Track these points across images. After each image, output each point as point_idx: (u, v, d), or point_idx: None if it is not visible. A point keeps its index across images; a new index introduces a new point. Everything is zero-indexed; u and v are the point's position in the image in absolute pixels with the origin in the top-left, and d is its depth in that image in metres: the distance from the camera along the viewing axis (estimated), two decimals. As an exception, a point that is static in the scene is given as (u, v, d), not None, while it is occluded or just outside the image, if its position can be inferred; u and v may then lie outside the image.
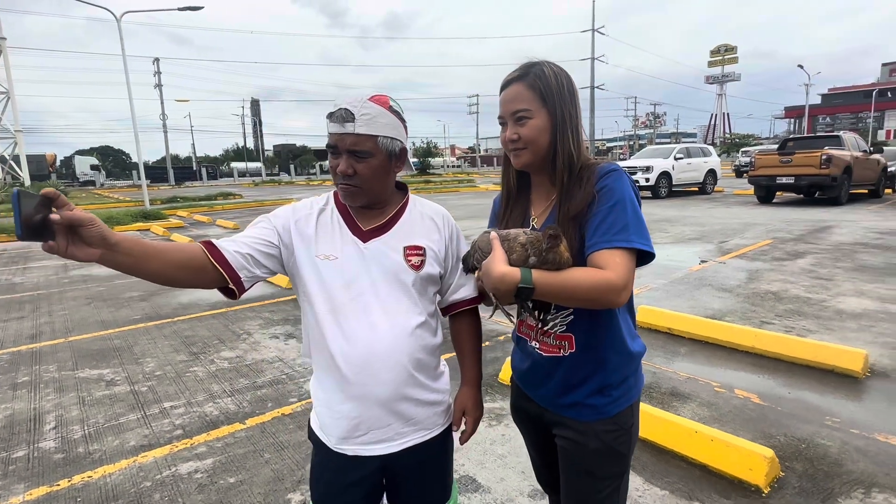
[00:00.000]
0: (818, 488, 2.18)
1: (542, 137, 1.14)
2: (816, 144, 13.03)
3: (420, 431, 1.26)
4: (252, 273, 1.16)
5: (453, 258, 1.29)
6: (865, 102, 69.52)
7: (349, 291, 1.18)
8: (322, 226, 1.22)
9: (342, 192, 1.20)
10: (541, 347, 1.23)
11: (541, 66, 1.14)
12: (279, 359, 3.88)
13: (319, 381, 1.24)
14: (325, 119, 1.15)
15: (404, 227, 1.24)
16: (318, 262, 1.18)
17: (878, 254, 6.71)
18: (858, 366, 3.21)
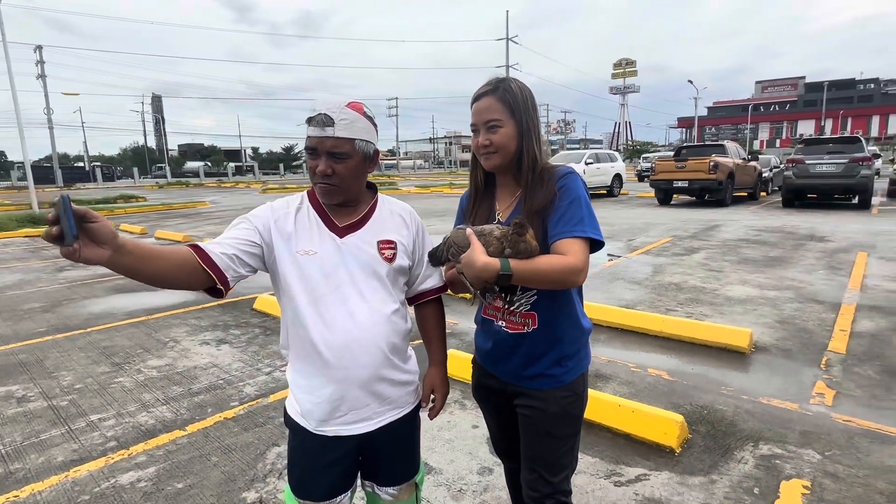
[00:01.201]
0: (718, 445, 2.56)
1: (511, 144, 1.34)
2: (705, 152, 14.54)
3: (394, 410, 1.38)
4: (237, 272, 1.24)
5: (420, 251, 1.42)
6: (743, 115, 78.06)
7: (329, 283, 1.27)
8: (300, 223, 1.30)
9: (321, 191, 1.29)
10: (507, 326, 1.41)
11: (508, 81, 1.35)
12: (213, 365, 3.77)
13: (300, 370, 1.31)
14: (305, 123, 1.24)
15: (376, 223, 1.35)
16: (298, 257, 1.26)
17: (756, 248, 7.69)
18: (745, 343, 3.74)
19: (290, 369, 1.36)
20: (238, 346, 4.15)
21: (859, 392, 3.07)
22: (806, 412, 2.86)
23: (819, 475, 2.28)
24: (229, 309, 5.27)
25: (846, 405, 2.92)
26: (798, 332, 4.09)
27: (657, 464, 2.41)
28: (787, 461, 2.40)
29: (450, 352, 3.62)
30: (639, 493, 2.20)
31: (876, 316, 4.41)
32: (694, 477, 2.30)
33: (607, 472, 2.36)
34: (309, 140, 1.24)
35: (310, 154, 1.26)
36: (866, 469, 2.32)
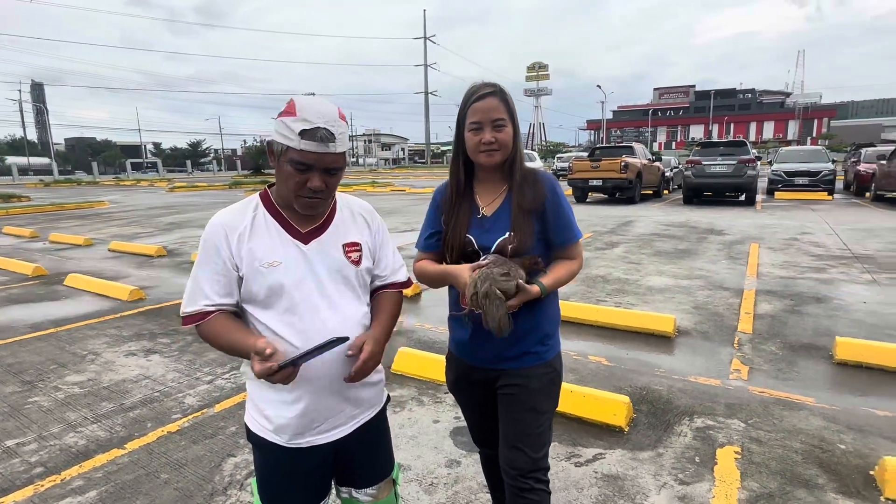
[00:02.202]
0: (660, 421, 2.80)
1: (510, 143, 1.43)
2: (616, 153, 15.58)
3: (367, 411, 1.38)
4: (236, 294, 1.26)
5: (379, 251, 1.41)
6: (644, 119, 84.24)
7: (298, 292, 1.23)
8: (259, 234, 1.24)
9: (307, 205, 1.22)
10: None
11: (502, 86, 1.44)
12: (145, 377, 3.50)
13: (269, 386, 1.23)
14: (297, 136, 1.13)
15: (339, 226, 1.33)
16: (263, 270, 1.21)
17: (667, 242, 8.40)
18: (670, 328, 4.10)
19: (256, 386, 1.29)
20: (170, 356, 3.87)
21: (768, 366, 3.49)
22: (727, 387, 3.20)
23: (746, 441, 2.58)
24: (153, 316, 4.89)
25: (759, 378, 3.31)
26: (712, 317, 4.55)
27: (610, 443, 2.59)
28: (719, 431, 2.68)
29: (403, 349, 3.64)
30: (598, 472, 2.36)
31: (772, 299, 5.00)
32: (643, 452, 2.51)
33: (567, 454, 2.50)
34: (303, 155, 1.15)
35: (300, 169, 1.17)
36: (782, 432, 2.65)
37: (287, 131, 1.15)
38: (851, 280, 5.65)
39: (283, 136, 1.16)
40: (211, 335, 1.22)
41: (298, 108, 1.15)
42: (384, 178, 34.25)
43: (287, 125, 1.15)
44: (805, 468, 2.34)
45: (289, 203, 1.24)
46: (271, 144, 1.21)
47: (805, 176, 15.16)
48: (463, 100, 1.46)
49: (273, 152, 1.21)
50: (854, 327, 4.16)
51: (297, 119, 1.14)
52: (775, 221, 10.45)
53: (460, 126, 1.49)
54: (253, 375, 1.26)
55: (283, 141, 1.16)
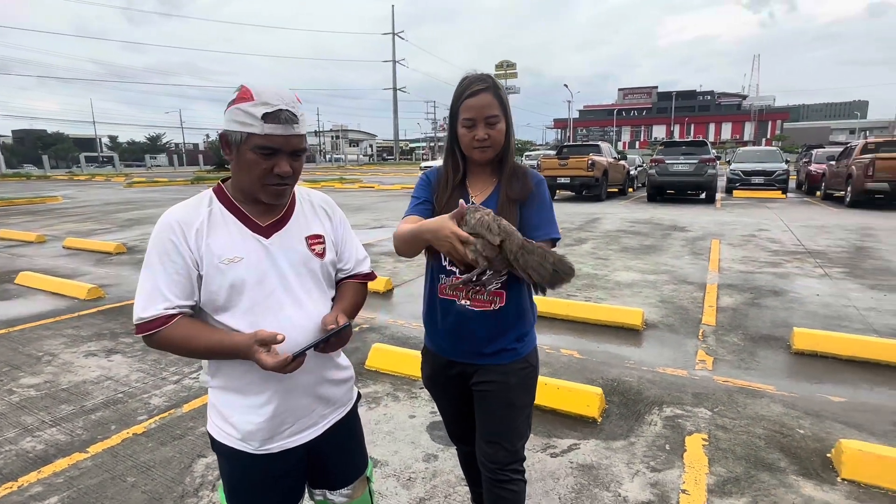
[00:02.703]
0: (631, 411, 2.87)
1: (502, 138, 1.44)
2: (584, 151, 15.85)
3: (338, 409, 1.36)
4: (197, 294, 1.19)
5: (342, 244, 1.37)
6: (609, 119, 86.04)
7: (261, 290, 1.17)
8: (216, 229, 1.17)
9: (274, 193, 1.17)
10: (473, 304, 1.47)
11: (494, 79, 1.43)
12: (107, 377, 3.36)
13: (238, 390, 1.21)
14: (260, 120, 1.09)
15: (300, 218, 1.28)
16: (223, 267, 1.14)
17: (633, 238, 8.61)
18: (639, 321, 4.20)
19: (220, 393, 1.23)
20: (133, 356, 3.73)
21: (731, 357, 3.62)
22: (694, 377, 3.31)
23: (713, 428, 2.67)
24: (114, 315, 4.70)
25: (723, 368, 3.43)
26: (677, 310, 4.69)
27: (584, 433, 2.64)
28: (687, 420, 2.76)
29: (377, 346, 3.61)
30: (573, 462, 2.40)
31: (733, 293, 5.19)
32: (616, 441, 2.57)
33: (543, 445, 2.54)
34: (269, 139, 1.10)
35: (266, 154, 1.12)
36: (746, 419, 2.76)
37: (246, 117, 1.09)
38: (805, 274, 5.93)
39: (241, 123, 1.10)
40: (178, 340, 1.14)
41: (256, 92, 1.10)
42: (352, 175, 33.89)
43: (246, 111, 1.09)
44: (768, 452, 2.44)
45: (251, 195, 1.18)
46: (226, 136, 1.14)
47: (761, 175, 15.79)
48: (455, 93, 1.45)
49: (229, 143, 1.14)
50: (809, 318, 4.36)
51: (257, 104, 1.09)
52: (734, 218, 10.85)
53: (453, 120, 1.47)
54: (215, 382, 1.23)
55: (242, 129, 1.10)
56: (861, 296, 5.01)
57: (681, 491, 2.17)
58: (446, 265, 1.50)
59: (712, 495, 2.14)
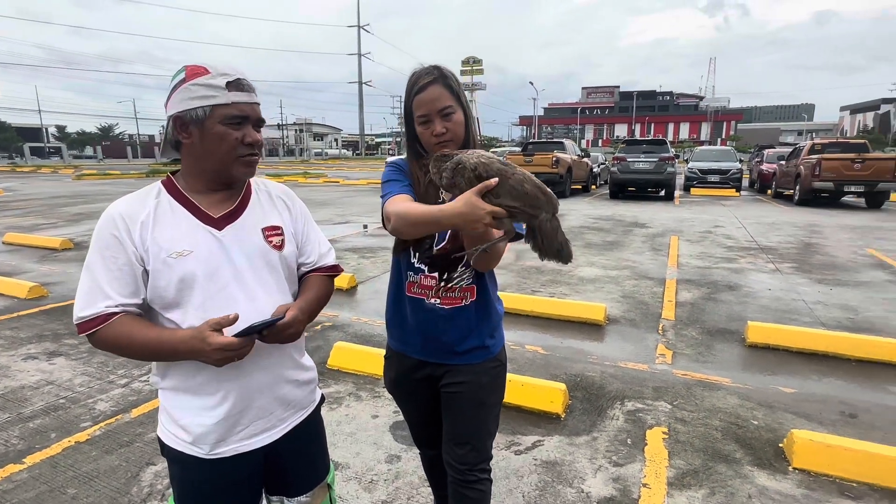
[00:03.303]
0: (594, 406, 2.89)
1: (461, 130, 1.37)
2: (548, 148, 16.02)
3: (298, 412, 1.29)
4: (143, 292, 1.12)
5: (302, 236, 1.31)
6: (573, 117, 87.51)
7: (213, 284, 1.11)
8: (163, 221, 1.11)
9: (247, 165, 1.15)
10: (443, 302, 1.42)
11: (443, 69, 1.37)
12: (48, 382, 3.15)
13: (189, 389, 1.14)
14: (223, 89, 1.07)
15: (256, 208, 1.22)
16: (171, 262, 1.08)
17: (596, 234, 8.76)
18: (601, 316, 4.26)
19: (170, 394, 1.16)
20: (78, 358, 3.52)
21: (689, 350, 3.71)
22: (654, 371, 3.37)
23: (672, 421, 2.72)
24: (57, 316, 4.43)
25: (682, 362, 3.51)
26: (638, 305, 4.78)
27: (548, 430, 2.65)
28: (648, 413, 2.81)
29: (340, 344, 3.53)
30: (537, 459, 2.39)
31: (691, 288, 5.34)
32: (579, 437, 2.58)
33: (507, 443, 2.53)
34: (237, 108, 1.09)
35: (236, 123, 1.10)
36: (704, 412, 2.82)
37: (208, 90, 1.07)
38: (758, 269, 6.15)
39: (203, 97, 1.07)
40: (120, 339, 1.07)
41: (209, 66, 1.09)
42: (317, 170, 33.29)
43: (206, 84, 1.07)
44: (724, 444, 2.50)
45: (221, 174, 1.14)
46: (182, 117, 1.08)
47: (716, 174, 16.37)
48: (406, 90, 1.38)
49: (188, 123, 1.08)
50: (762, 312, 4.52)
51: (215, 75, 1.08)
52: (692, 215, 11.19)
53: (409, 119, 1.41)
54: (165, 383, 1.16)
55: (204, 102, 1.07)
56: (809, 290, 5.24)
57: (642, 485, 2.19)
58: (415, 262, 1.45)
59: (672, 488, 2.17)
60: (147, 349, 1.08)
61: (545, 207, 1.17)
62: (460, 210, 1.10)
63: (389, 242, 1.44)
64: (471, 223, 1.10)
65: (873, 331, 4.06)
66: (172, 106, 1.09)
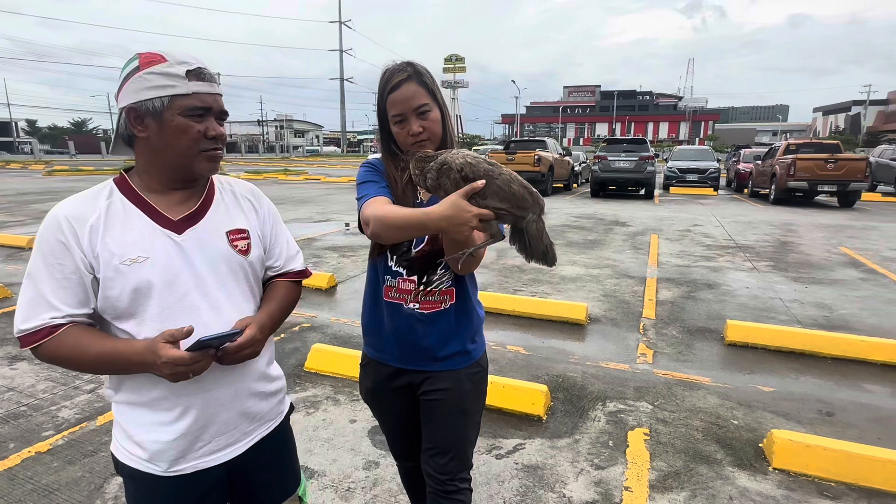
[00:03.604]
0: (576, 408, 2.86)
1: (438, 128, 1.31)
2: (530, 146, 16.05)
3: (265, 425, 1.22)
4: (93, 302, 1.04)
5: (271, 238, 1.24)
6: (554, 116, 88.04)
7: (172, 293, 1.03)
8: (115, 225, 1.02)
9: (210, 160, 1.08)
10: (422, 307, 1.37)
11: (416, 65, 1.31)
12: (9, 388, 3.01)
13: (146, 404, 1.06)
14: (183, 78, 1.00)
15: (220, 210, 1.14)
16: (124, 269, 0.99)
17: (577, 232, 8.78)
18: (583, 315, 4.24)
19: (125, 409, 1.08)
20: (41, 363, 3.37)
21: (670, 350, 3.71)
22: (635, 371, 3.36)
23: (653, 422, 2.70)
24: (21, 318, 4.25)
25: (662, 361, 3.51)
26: (619, 304, 4.78)
27: (529, 432, 2.61)
28: (629, 414, 2.79)
29: (317, 346, 3.45)
30: (518, 463, 2.35)
31: (672, 286, 5.37)
32: (561, 439, 2.55)
33: (488, 447, 2.48)
34: (199, 98, 1.02)
35: (198, 115, 1.03)
36: (685, 412, 2.82)
37: (165, 79, 1.00)
38: (736, 268, 6.22)
39: (160, 87, 0.99)
40: (69, 352, 0.98)
41: (165, 53, 1.01)
42: (297, 167, 32.90)
43: (163, 73, 1.00)
44: (705, 445, 2.49)
45: (182, 169, 1.06)
46: (137, 109, 1.00)
47: (695, 173, 16.58)
48: (379, 89, 1.32)
49: (143, 116, 1.01)
50: (740, 311, 4.56)
51: (173, 63, 1.01)
52: (671, 214, 11.31)
53: (383, 119, 1.34)
54: (119, 396, 1.07)
55: (162, 93, 0.99)
56: (786, 288, 5.31)
57: (624, 488, 2.16)
58: (392, 265, 1.38)
59: (654, 491, 2.15)
60: (100, 362, 1.00)
61: (532, 208, 1.16)
62: (447, 213, 1.06)
63: (369, 242, 1.38)
64: (457, 227, 1.07)
65: (848, 328, 4.12)
66: (125, 97, 1.01)
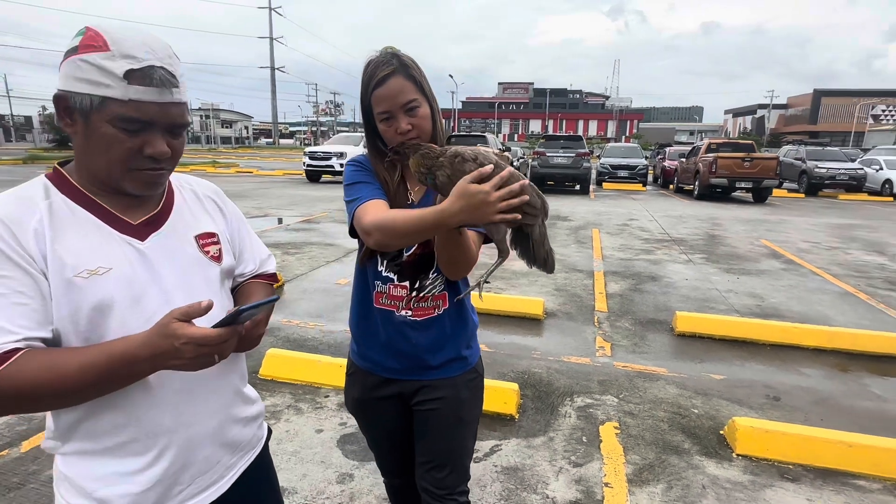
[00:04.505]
0: (545, 404, 2.87)
1: (428, 124, 1.22)
2: (471, 142, 16.12)
3: (247, 454, 1.08)
4: None
5: (238, 242, 1.11)
6: (490, 111, 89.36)
7: (139, 311, 0.86)
8: (64, 229, 0.83)
9: (145, 182, 0.87)
10: (415, 314, 1.28)
11: (402, 57, 1.21)
12: None
13: (108, 452, 0.87)
14: (121, 79, 0.78)
15: (184, 212, 0.99)
16: (80, 283, 0.81)
17: (522, 227, 8.92)
18: (540, 310, 4.29)
19: (77, 461, 0.88)
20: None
21: (625, 342, 3.82)
22: (597, 364, 3.42)
23: (621, 415, 2.76)
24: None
25: (620, 354, 3.60)
26: (572, 298, 4.88)
27: (504, 433, 2.57)
28: (598, 409, 2.83)
29: (272, 351, 3.24)
30: (497, 465, 2.31)
31: (619, 279, 5.56)
32: (536, 438, 2.53)
33: (464, 450, 2.42)
34: (137, 108, 0.80)
35: (134, 130, 0.81)
36: (648, 403, 2.90)
37: (99, 75, 0.78)
38: (673, 260, 6.55)
39: (90, 83, 0.78)
40: (38, 374, 0.76)
41: (111, 40, 0.79)
42: (226, 159, 31.26)
43: (98, 66, 0.78)
44: (672, 435, 2.57)
45: (110, 183, 0.86)
46: (65, 99, 0.80)
47: (625, 169, 17.40)
48: (362, 84, 1.21)
49: (71, 110, 0.81)
50: (684, 302, 4.79)
51: (114, 55, 0.78)
52: (608, 209, 11.77)
53: (368, 116, 1.23)
54: (70, 446, 0.87)
55: (91, 90, 0.78)
56: (720, 279, 5.65)
57: (604, 484, 2.18)
58: (383, 271, 1.28)
59: (632, 485, 2.18)
60: (87, 376, 0.77)
61: (541, 212, 1.10)
62: (461, 203, 0.97)
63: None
64: (478, 211, 0.96)
65: (778, 316, 4.44)
66: (60, 78, 0.81)
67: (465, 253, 1.21)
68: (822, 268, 6.26)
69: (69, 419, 0.86)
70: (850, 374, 3.35)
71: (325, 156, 15.96)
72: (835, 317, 4.46)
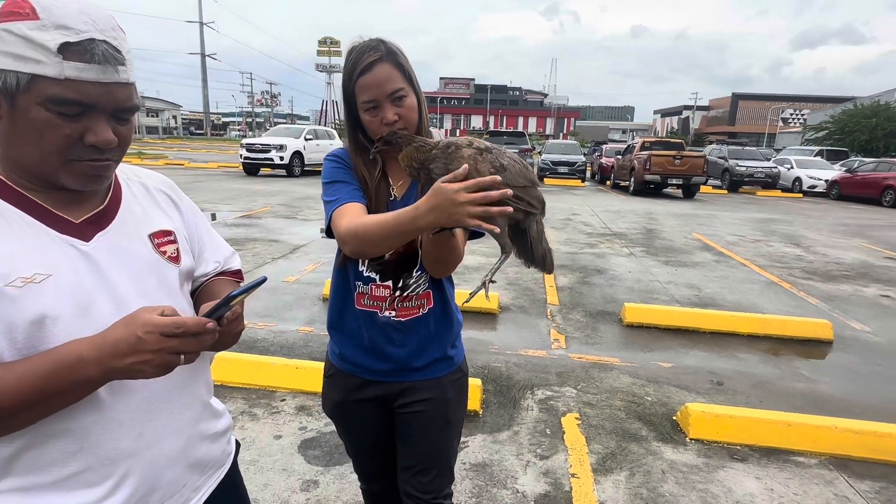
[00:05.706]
0: (508, 398, 2.88)
1: (415, 115, 1.17)
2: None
3: (217, 473, 0.98)
4: None
5: (198, 239, 1.01)
6: (432, 106, 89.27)
7: (87, 322, 0.73)
8: None
9: (86, 175, 0.75)
10: (398, 314, 1.24)
11: (389, 43, 1.15)
12: None
13: (55, 486, 0.74)
14: (54, 54, 0.66)
15: (133, 207, 0.87)
16: (14, 293, 0.68)
17: (470, 222, 8.98)
18: (495, 305, 4.32)
19: (21, 497, 0.73)
20: None
21: (578, 334, 3.93)
22: (553, 356, 3.49)
23: (581, 406, 2.82)
24: None
25: (574, 345, 3.69)
26: (525, 291, 4.96)
27: (469, 429, 2.56)
28: (558, 400, 2.88)
29: (222, 354, 3.05)
30: (465, 462, 2.29)
31: (566, 273, 5.71)
32: (501, 433, 2.54)
33: (431, 449, 2.39)
34: (74, 89, 0.68)
35: (71, 115, 0.69)
36: (605, 393, 2.98)
37: (27, 48, 0.66)
38: (616, 253, 6.82)
39: (16, 57, 0.66)
40: None
41: (41, 7, 0.66)
42: (154, 150, 29.36)
43: (24, 37, 0.66)
44: (630, 423, 2.66)
45: (44, 176, 0.74)
46: None
47: (566, 165, 17.93)
48: (345, 71, 1.15)
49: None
50: (629, 293, 4.99)
51: (44, 25, 0.66)
52: (551, 203, 11.96)
53: (350, 104, 1.17)
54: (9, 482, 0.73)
55: (18, 67, 0.66)
56: (660, 271, 5.94)
57: (570, 475, 2.22)
58: (364, 271, 1.22)
59: (597, 474, 2.23)
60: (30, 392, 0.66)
61: (539, 207, 1.06)
62: (430, 202, 0.90)
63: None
64: (446, 212, 0.88)
65: (714, 305, 4.72)
66: None
67: (453, 251, 1.17)
68: (749, 259, 6.73)
69: (7, 451, 0.71)
70: (781, 358, 3.61)
71: (263, 148, 15.34)
72: (764, 305, 4.80)
